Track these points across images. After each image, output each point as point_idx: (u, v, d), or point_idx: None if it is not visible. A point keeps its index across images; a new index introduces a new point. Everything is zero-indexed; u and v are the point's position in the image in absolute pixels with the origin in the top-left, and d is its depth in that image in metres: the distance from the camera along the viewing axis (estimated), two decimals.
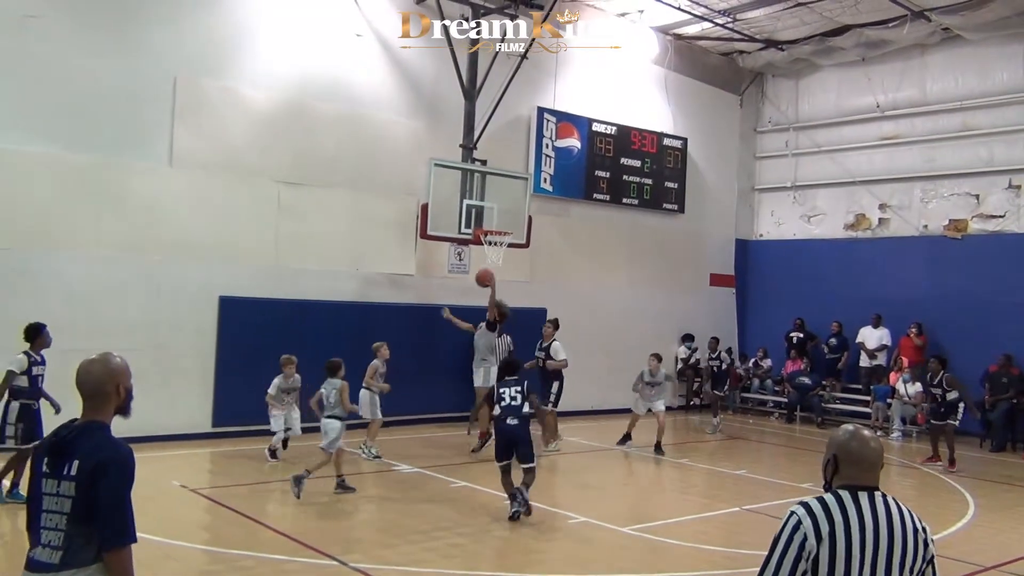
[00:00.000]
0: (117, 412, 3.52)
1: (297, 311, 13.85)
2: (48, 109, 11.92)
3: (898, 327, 17.67)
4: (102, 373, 3.49)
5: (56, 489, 3.34)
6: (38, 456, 3.47)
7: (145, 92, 12.68)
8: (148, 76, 12.68)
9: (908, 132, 18.59)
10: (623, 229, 18.71)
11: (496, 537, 8.46)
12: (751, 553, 8.17)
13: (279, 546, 7.76)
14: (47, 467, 3.39)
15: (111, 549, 3.30)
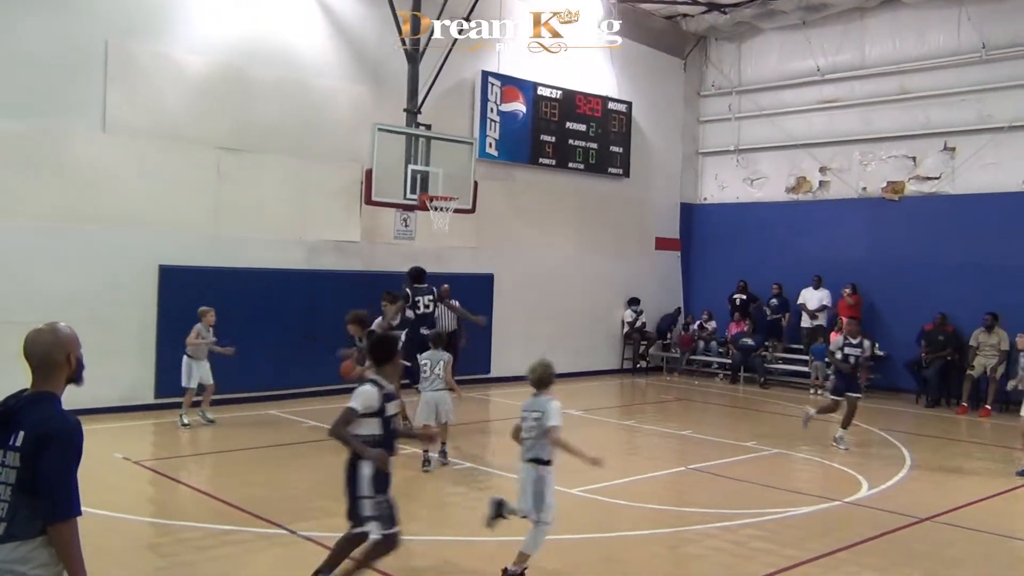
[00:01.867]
0: (68, 382, 3.48)
1: (241, 280, 13.62)
2: None
3: (838, 288, 18.03)
4: (51, 343, 3.44)
5: (1, 459, 3.29)
6: None
7: (76, 56, 12.25)
8: (78, 39, 12.24)
9: (847, 95, 18.85)
10: (569, 194, 18.73)
11: (446, 503, 8.49)
12: (698, 511, 8.35)
13: (227, 516, 7.68)
14: None
15: (55, 522, 3.25)
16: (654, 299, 20.47)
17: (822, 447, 11.78)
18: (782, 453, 11.41)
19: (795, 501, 8.88)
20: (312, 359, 13.97)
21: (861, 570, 6.80)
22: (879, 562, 6.99)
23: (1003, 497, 9.50)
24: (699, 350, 20.02)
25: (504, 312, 17.02)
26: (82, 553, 3.33)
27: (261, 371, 13.71)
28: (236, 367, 13.32)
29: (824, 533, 7.77)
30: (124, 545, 6.95)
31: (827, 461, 11.06)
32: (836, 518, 8.39)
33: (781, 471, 10.49)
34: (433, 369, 9.60)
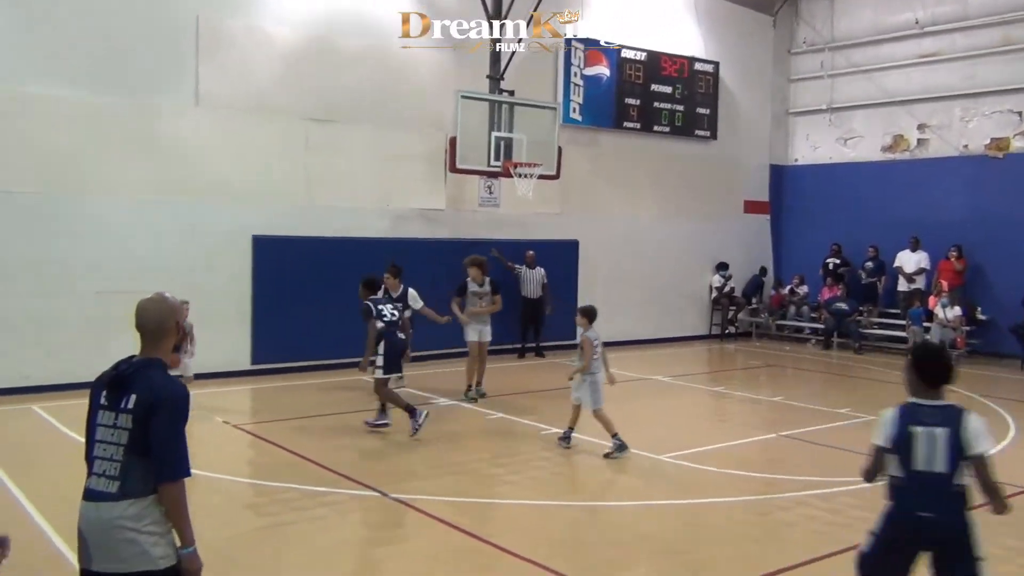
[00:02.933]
0: (174, 349, 3.64)
1: (330, 248, 13.89)
2: (76, 53, 11.92)
3: (937, 250, 17.35)
4: (163, 311, 3.61)
5: (113, 421, 3.44)
6: (96, 389, 3.55)
7: (168, 32, 12.61)
8: (171, 15, 12.59)
9: (948, 49, 17.98)
10: (654, 157, 18.44)
11: (534, 467, 8.54)
12: (790, 478, 8.21)
13: (321, 478, 7.90)
14: (105, 400, 3.49)
15: (165, 482, 3.41)
16: (743, 264, 20.08)
17: None
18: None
19: None
20: None
21: None
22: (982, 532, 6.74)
23: None
24: (790, 315, 19.59)
25: (589, 278, 16.95)
26: (189, 512, 3.47)
27: (353, 337, 13.96)
28: (329, 334, 13.67)
29: None
30: (224, 504, 7.23)
31: None
32: None
33: None
34: (600, 347, 8.84)
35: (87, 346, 11.31)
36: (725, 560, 6.17)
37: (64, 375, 11.16)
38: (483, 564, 6.03)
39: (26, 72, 11.59)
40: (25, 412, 10.41)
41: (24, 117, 11.57)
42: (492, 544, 6.27)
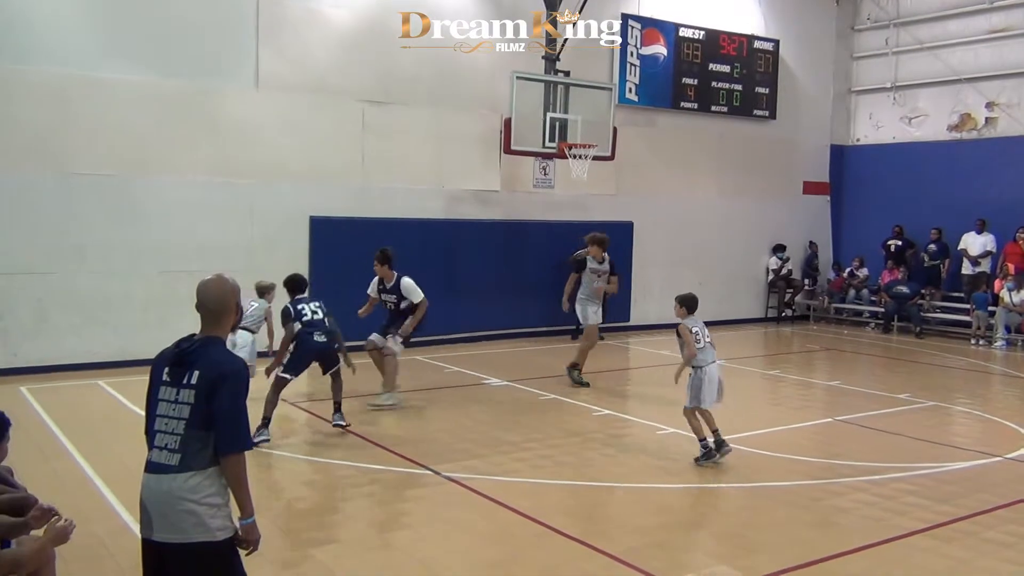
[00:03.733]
0: (233, 328, 3.77)
1: (386, 229, 13.98)
2: (142, 38, 12.20)
3: (1003, 232, 16.86)
4: (224, 291, 3.72)
5: (175, 396, 3.56)
6: (158, 365, 3.68)
7: (229, 16, 12.81)
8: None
9: (1019, 24, 17.37)
10: (712, 138, 18.21)
11: (586, 448, 8.57)
12: (845, 463, 8.11)
13: (375, 456, 8.04)
14: (168, 376, 3.61)
15: (229, 454, 3.53)
16: (800, 246, 19.78)
17: (983, 400, 11.17)
18: (939, 406, 10.89)
19: (951, 456, 8.48)
20: (455, 307, 14.31)
21: (1022, 529, 6.45)
22: None
23: None
24: (849, 298, 19.24)
25: (644, 260, 16.86)
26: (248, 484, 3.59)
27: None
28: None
29: (982, 489, 7.39)
30: (281, 479, 7.41)
31: (988, 415, 10.49)
32: (996, 474, 7.96)
33: (937, 424, 10.01)
34: (705, 337, 8.00)
35: (151, 324, 11.65)
36: (778, 545, 6.14)
37: (129, 352, 11.51)
38: (532, 543, 6.08)
39: (96, 57, 11.90)
40: (92, 387, 10.76)
41: (94, 100, 11.88)
42: (543, 523, 6.32)
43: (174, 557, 3.52)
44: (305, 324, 8.73)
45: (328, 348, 8.85)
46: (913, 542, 6.17)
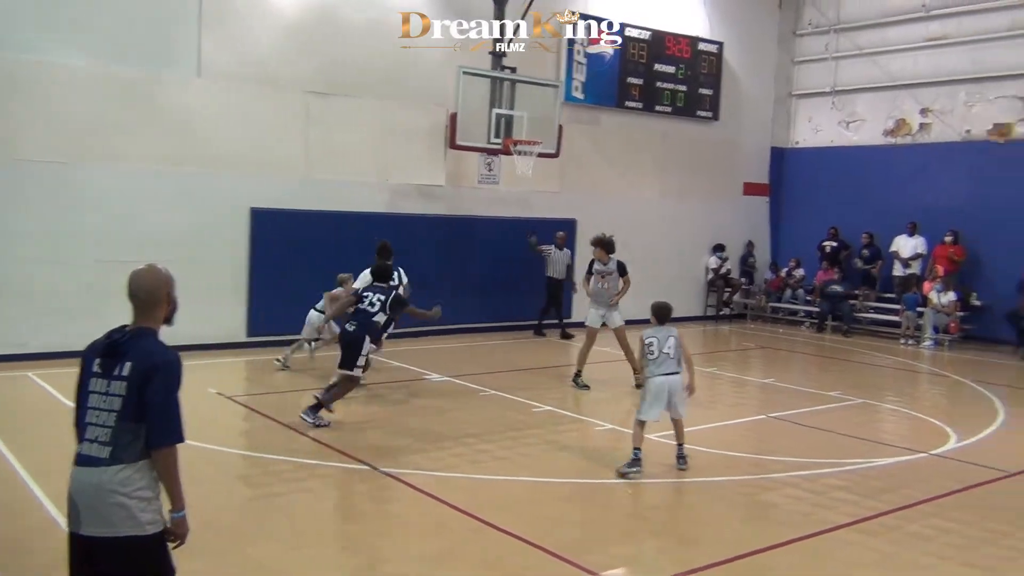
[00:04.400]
0: (164, 321, 3.68)
1: (328, 222, 13.92)
2: (83, 22, 11.91)
3: (934, 236, 17.38)
4: (154, 281, 3.67)
5: (106, 388, 3.50)
6: (88, 357, 3.62)
7: (171, 2, 12.56)
8: None
9: (955, 32, 17.90)
10: (656, 137, 18.42)
11: (524, 444, 8.62)
12: (778, 459, 8.29)
13: (312, 451, 7.99)
14: (99, 367, 3.55)
15: (160, 446, 3.49)
16: (740, 246, 20.13)
17: (911, 398, 11.50)
18: (868, 403, 11.19)
19: (879, 452, 8.73)
20: None
21: (944, 523, 6.67)
22: (963, 516, 6.85)
23: None
24: (785, 298, 19.64)
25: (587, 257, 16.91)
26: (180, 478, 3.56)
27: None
28: None
29: (907, 485, 7.63)
30: (215, 474, 7.31)
31: (915, 412, 10.81)
32: (921, 470, 8.22)
33: (866, 421, 10.29)
34: (661, 348, 7.76)
35: (84, 314, 11.36)
36: (711, 539, 6.26)
37: (60, 343, 11.21)
38: (469, 537, 6.11)
39: (37, 42, 11.59)
40: (21, 379, 10.48)
41: (35, 86, 11.61)
42: (480, 519, 6.35)
43: (102, 551, 3.46)
44: (353, 311, 9.11)
45: (351, 339, 8.98)
46: (840, 536, 6.35)
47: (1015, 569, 5.87)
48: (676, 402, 7.73)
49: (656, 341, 7.72)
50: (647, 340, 7.76)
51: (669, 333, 7.79)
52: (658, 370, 7.67)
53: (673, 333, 7.81)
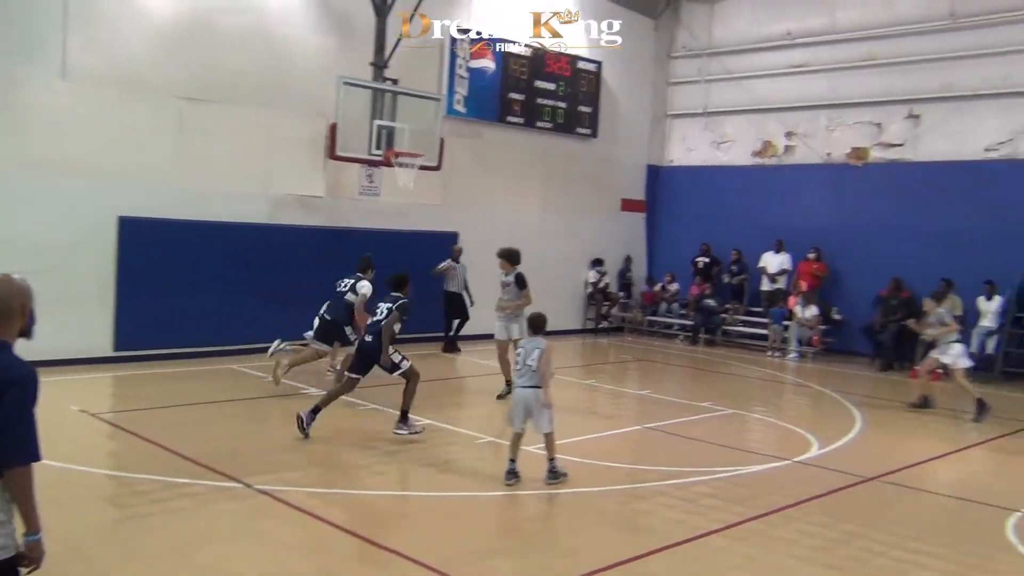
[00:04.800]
0: (20, 334, 3.49)
1: (202, 233, 13.49)
2: None
3: (799, 252, 18.27)
4: (8, 292, 3.46)
5: None
6: None
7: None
8: None
9: (816, 60, 18.92)
10: (537, 153, 18.69)
11: (402, 458, 8.57)
12: (652, 468, 8.51)
13: (183, 470, 7.70)
14: None
15: (13, 465, 3.30)
16: (618, 260, 20.62)
17: (776, 408, 12.03)
18: (737, 413, 11.63)
19: (747, 460, 9.08)
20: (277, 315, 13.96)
21: (805, 527, 6.99)
22: (823, 519, 7.20)
23: (946, 459, 9.80)
24: (661, 311, 20.23)
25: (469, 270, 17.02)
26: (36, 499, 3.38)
27: (221, 325, 13.65)
28: (197, 321, 13.31)
29: (772, 491, 7.97)
30: (80, 496, 6.95)
31: (780, 422, 11.31)
32: (785, 477, 8.60)
33: (735, 431, 10.70)
34: (526, 359, 7.66)
35: None
36: (586, 548, 6.37)
37: None
38: (348, 555, 6.03)
39: None
40: None
41: None
42: (358, 535, 6.27)
43: None
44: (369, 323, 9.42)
45: (368, 349, 9.07)
46: (709, 541, 6.57)
47: (866, 569, 6.20)
48: (535, 416, 7.64)
49: (523, 352, 7.72)
50: (518, 350, 7.88)
51: (536, 345, 7.68)
52: (518, 381, 7.72)
53: (540, 345, 7.66)
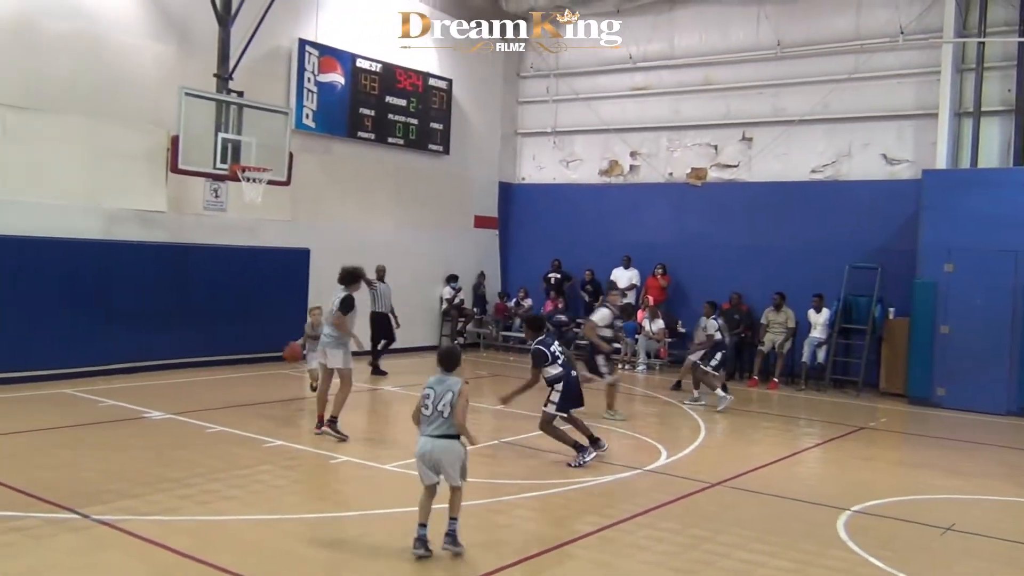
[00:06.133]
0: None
1: (26, 249, 12.62)
2: None
3: (646, 268, 18.93)
4: None
5: None
6: None
7: None
8: None
9: (657, 84, 19.73)
10: (389, 169, 18.58)
11: (254, 480, 8.26)
12: (509, 482, 8.56)
13: (12, 502, 7.14)
14: None
15: None
16: (473, 276, 20.73)
17: (628, 419, 12.36)
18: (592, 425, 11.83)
19: (601, 470, 9.28)
20: (111, 335, 13.26)
21: (656, 532, 7.21)
22: (673, 525, 7.44)
23: (783, 463, 10.34)
24: (515, 327, 20.45)
25: (320, 287, 16.60)
26: None
27: (52, 347, 12.79)
28: (24, 343, 12.44)
29: (625, 499, 8.18)
30: None
31: (632, 432, 11.64)
32: (637, 484, 8.85)
33: None
34: (436, 403, 6.43)
35: None
36: (444, 565, 6.32)
37: None
38: None
39: None
40: None
41: None
42: (206, 563, 5.99)
43: None
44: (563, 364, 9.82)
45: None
46: (566, 551, 6.67)
47: (713, 571, 6.43)
48: (446, 469, 6.40)
49: (432, 394, 6.44)
50: (425, 391, 6.47)
51: (448, 387, 6.42)
52: (427, 429, 6.42)
53: (453, 387, 6.42)
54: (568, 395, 9.66)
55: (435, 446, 6.39)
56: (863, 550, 6.91)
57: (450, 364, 6.66)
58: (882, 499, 8.58)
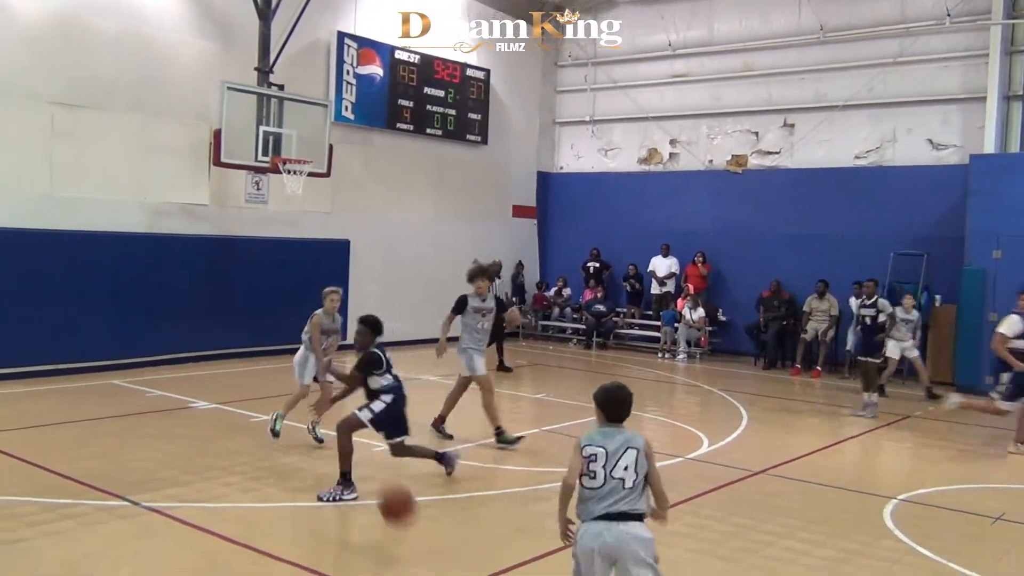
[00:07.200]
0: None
1: (77, 243, 12.87)
2: None
3: (685, 256, 18.81)
4: None
5: None
6: None
7: None
8: None
9: (696, 71, 19.54)
10: (427, 160, 18.64)
11: (296, 469, 8.38)
12: (550, 470, 8.57)
13: (64, 490, 7.33)
14: None
15: None
16: (511, 266, 20.73)
17: (668, 407, 12.33)
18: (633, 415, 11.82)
19: None
20: (158, 327, 13.50)
21: (699, 520, 7.19)
22: (715, 512, 7.42)
23: (827, 451, 10.24)
24: (554, 316, 20.45)
25: (360, 278, 16.79)
26: None
27: (101, 340, 13.05)
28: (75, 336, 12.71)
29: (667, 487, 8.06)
30: None
31: (672, 421, 11.60)
32: (678, 473, 8.80)
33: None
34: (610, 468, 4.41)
35: None
36: (488, 551, 6.37)
37: None
38: (246, 573, 5.84)
39: None
40: None
41: None
42: (255, 549, 6.09)
43: None
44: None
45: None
46: None
47: (757, 559, 6.42)
48: (630, 566, 4.31)
49: (602, 454, 4.40)
50: (585, 449, 4.44)
51: (628, 442, 4.44)
52: (595, 508, 4.37)
53: (637, 444, 4.44)
54: (392, 414, 7.78)
55: (618, 534, 4.31)
56: (911, 539, 6.83)
57: (621, 412, 4.59)
58: (929, 488, 8.48)
